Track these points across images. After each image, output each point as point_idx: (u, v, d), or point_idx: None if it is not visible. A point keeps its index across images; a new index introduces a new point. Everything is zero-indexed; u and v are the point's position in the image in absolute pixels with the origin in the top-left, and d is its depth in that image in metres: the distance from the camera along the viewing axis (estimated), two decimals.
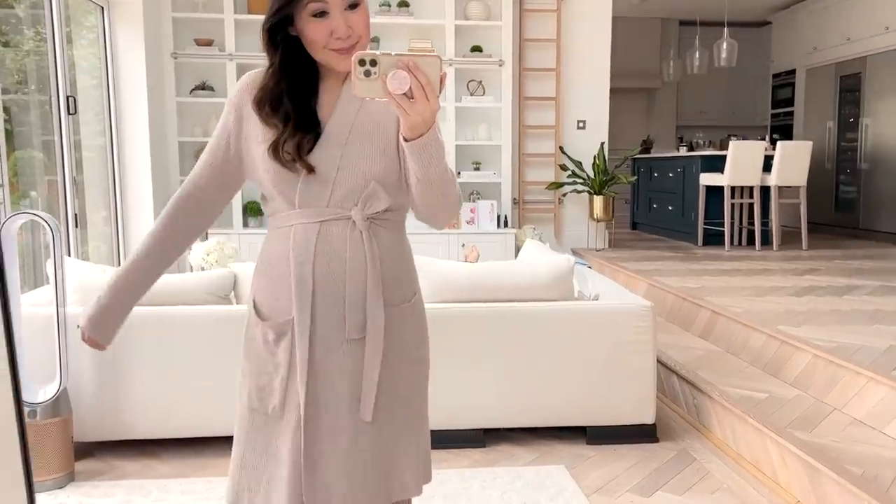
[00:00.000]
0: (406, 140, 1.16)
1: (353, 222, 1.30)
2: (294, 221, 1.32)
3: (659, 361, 3.48)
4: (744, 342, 3.54)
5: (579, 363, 2.84)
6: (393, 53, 1.10)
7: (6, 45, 4.29)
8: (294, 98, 1.30)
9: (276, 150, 1.29)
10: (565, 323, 2.83)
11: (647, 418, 2.89)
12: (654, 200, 7.98)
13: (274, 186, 1.32)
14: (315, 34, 1.25)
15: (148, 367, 2.72)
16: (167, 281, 2.84)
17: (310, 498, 1.31)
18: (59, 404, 2.51)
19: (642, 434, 2.89)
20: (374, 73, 1.10)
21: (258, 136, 1.33)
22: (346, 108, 1.31)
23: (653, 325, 2.87)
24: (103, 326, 1.44)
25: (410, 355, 1.38)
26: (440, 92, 1.12)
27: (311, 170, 1.28)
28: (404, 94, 1.09)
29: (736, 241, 6.76)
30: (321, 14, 1.24)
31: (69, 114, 4.55)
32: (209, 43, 5.93)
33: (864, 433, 2.54)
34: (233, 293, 2.91)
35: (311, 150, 1.29)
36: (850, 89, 7.75)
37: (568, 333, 2.83)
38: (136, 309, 2.91)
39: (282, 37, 1.29)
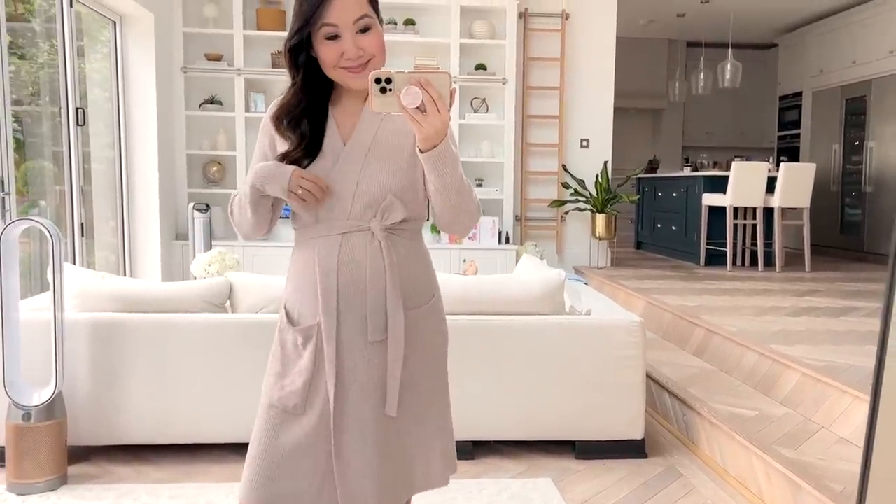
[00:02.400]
0: (422, 151, 1.27)
1: (373, 233, 1.39)
2: (317, 234, 1.41)
3: (651, 378, 3.49)
4: (737, 361, 3.55)
5: (569, 377, 2.86)
6: (406, 71, 1.20)
7: (21, 57, 4.40)
8: (311, 116, 1.41)
9: (283, 158, 1.40)
10: (556, 337, 2.86)
11: (636, 434, 2.90)
12: (658, 220, 8.00)
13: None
14: (327, 55, 1.36)
15: (143, 373, 2.77)
16: (163, 288, 2.90)
17: (342, 484, 1.39)
18: (54, 408, 2.56)
19: (631, 449, 2.90)
20: (390, 89, 1.20)
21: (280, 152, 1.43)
22: (366, 127, 1.41)
23: (642, 341, 2.89)
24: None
25: (430, 355, 1.47)
26: (450, 106, 1.22)
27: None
28: (417, 107, 1.20)
29: (739, 262, 6.76)
30: (333, 37, 1.35)
31: (78, 125, 4.64)
32: (219, 58, 6.04)
33: (848, 451, 2.55)
34: (228, 302, 2.96)
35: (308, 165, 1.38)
36: (855, 112, 7.78)
37: (558, 347, 2.86)
38: (132, 315, 2.95)
39: (303, 58, 1.39)
